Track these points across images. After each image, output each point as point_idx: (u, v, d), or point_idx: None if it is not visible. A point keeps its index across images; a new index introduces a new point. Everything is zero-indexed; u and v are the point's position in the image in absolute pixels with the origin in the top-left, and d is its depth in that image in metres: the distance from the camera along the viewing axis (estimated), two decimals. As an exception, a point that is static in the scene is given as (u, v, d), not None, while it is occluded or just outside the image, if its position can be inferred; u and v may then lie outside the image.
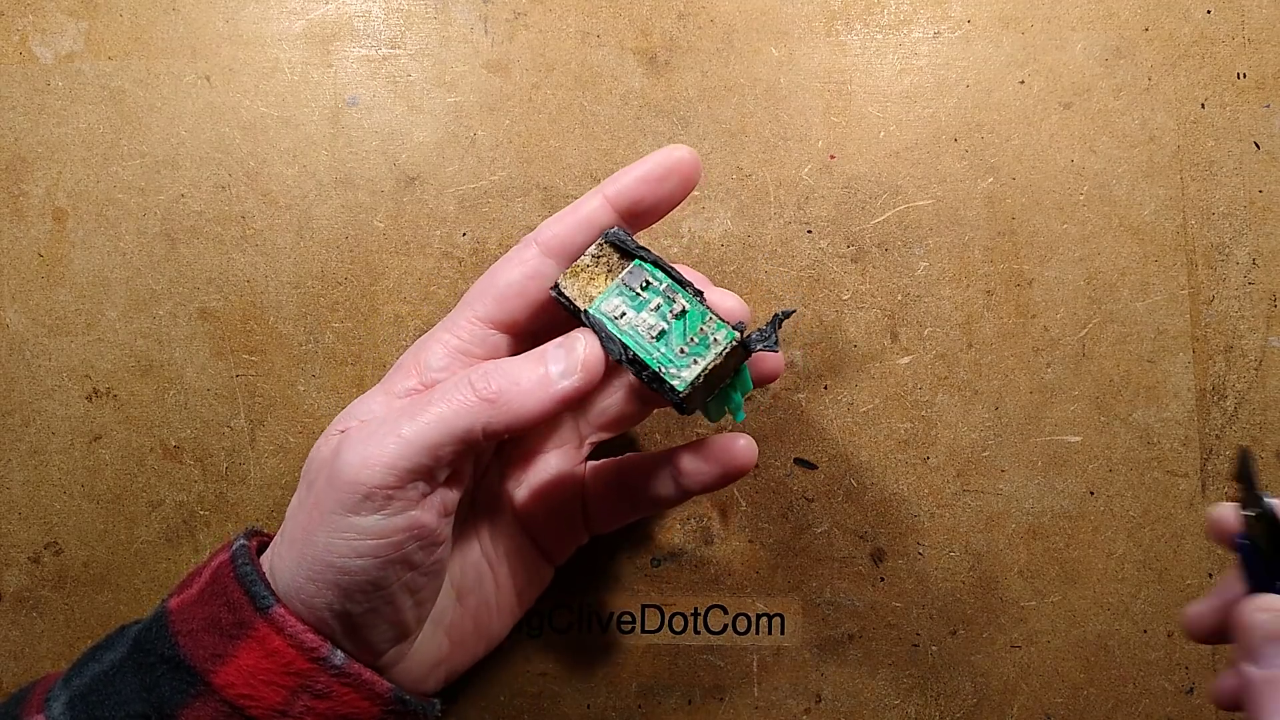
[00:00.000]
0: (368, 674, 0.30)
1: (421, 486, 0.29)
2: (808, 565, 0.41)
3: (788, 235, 0.41)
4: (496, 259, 0.41)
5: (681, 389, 0.31)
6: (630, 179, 0.32)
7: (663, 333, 0.31)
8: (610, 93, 0.42)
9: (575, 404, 0.31)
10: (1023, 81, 0.42)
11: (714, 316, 0.31)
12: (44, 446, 0.41)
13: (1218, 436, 0.41)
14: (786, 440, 0.41)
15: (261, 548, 0.33)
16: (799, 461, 0.41)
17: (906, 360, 0.41)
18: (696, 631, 0.41)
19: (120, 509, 0.41)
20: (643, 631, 0.41)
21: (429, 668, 0.34)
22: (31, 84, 0.42)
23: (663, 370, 0.31)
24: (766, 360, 0.34)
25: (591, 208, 0.32)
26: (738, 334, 0.31)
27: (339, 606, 0.29)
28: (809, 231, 0.41)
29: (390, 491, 0.28)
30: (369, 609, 0.30)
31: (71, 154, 0.42)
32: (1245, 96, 0.41)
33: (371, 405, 0.32)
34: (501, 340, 0.32)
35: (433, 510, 0.30)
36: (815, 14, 0.42)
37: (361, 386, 0.41)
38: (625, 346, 0.31)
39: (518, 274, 0.32)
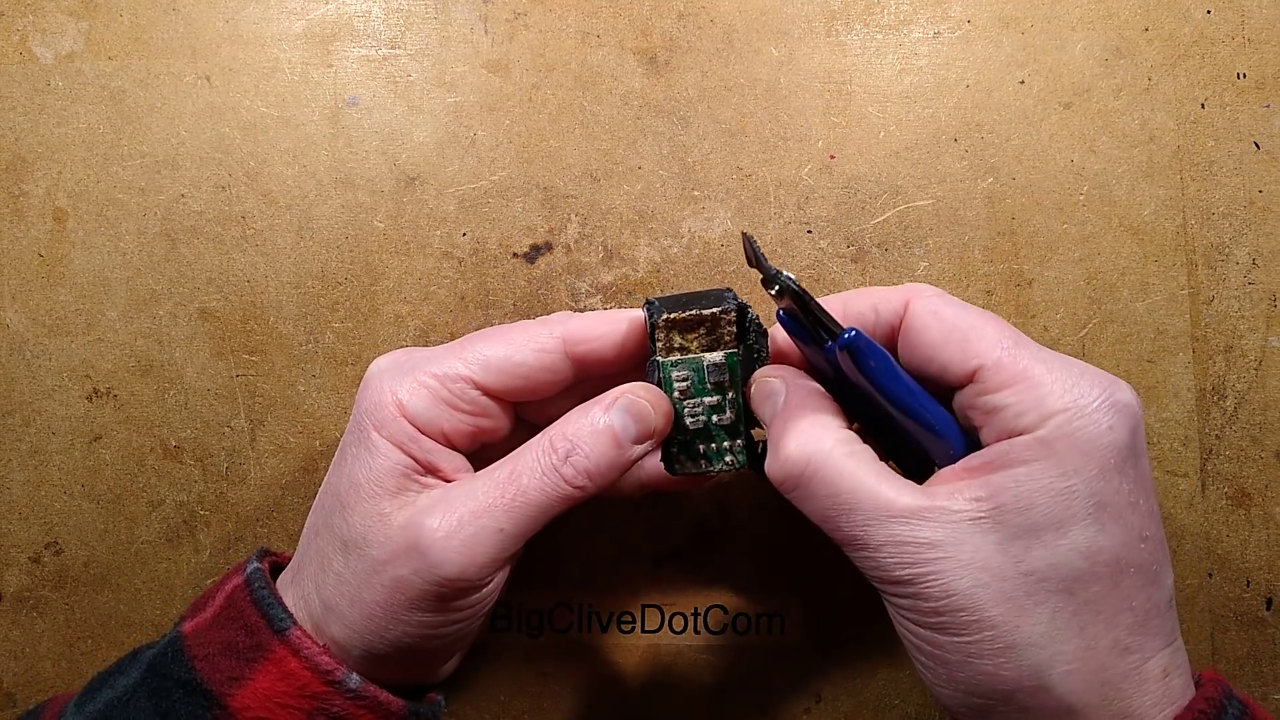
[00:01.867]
0: (383, 695, 0.30)
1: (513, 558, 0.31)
2: (808, 565, 0.41)
3: (788, 235, 0.41)
4: (496, 259, 0.41)
5: (675, 474, 0.34)
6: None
7: (700, 429, 0.33)
8: (610, 93, 0.42)
9: None
10: (1023, 81, 0.42)
11: (742, 445, 0.33)
12: (44, 446, 0.41)
13: (1218, 436, 0.41)
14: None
15: (273, 568, 0.33)
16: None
17: (906, 360, 0.41)
18: (696, 631, 0.41)
19: (120, 509, 0.41)
20: (643, 631, 0.41)
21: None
22: (31, 84, 0.42)
23: (671, 452, 0.34)
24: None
25: (627, 325, 0.33)
26: (744, 465, 0.34)
27: (413, 651, 0.31)
28: (809, 231, 0.41)
29: (489, 579, 0.30)
30: (431, 653, 0.32)
31: (71, 154, 0.42)
32: (1245, 96, 0.41)
33: (387, 461, 0.31)
34: (488, 404, 0.33)
35: (506, 570, 0.32)
36: (815, 14, 0.42)
37: (361, 386, 0.41)
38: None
39: (534, 362, 0.32)
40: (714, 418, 0.33)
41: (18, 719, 0.32)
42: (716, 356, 0.33)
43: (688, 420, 0.33)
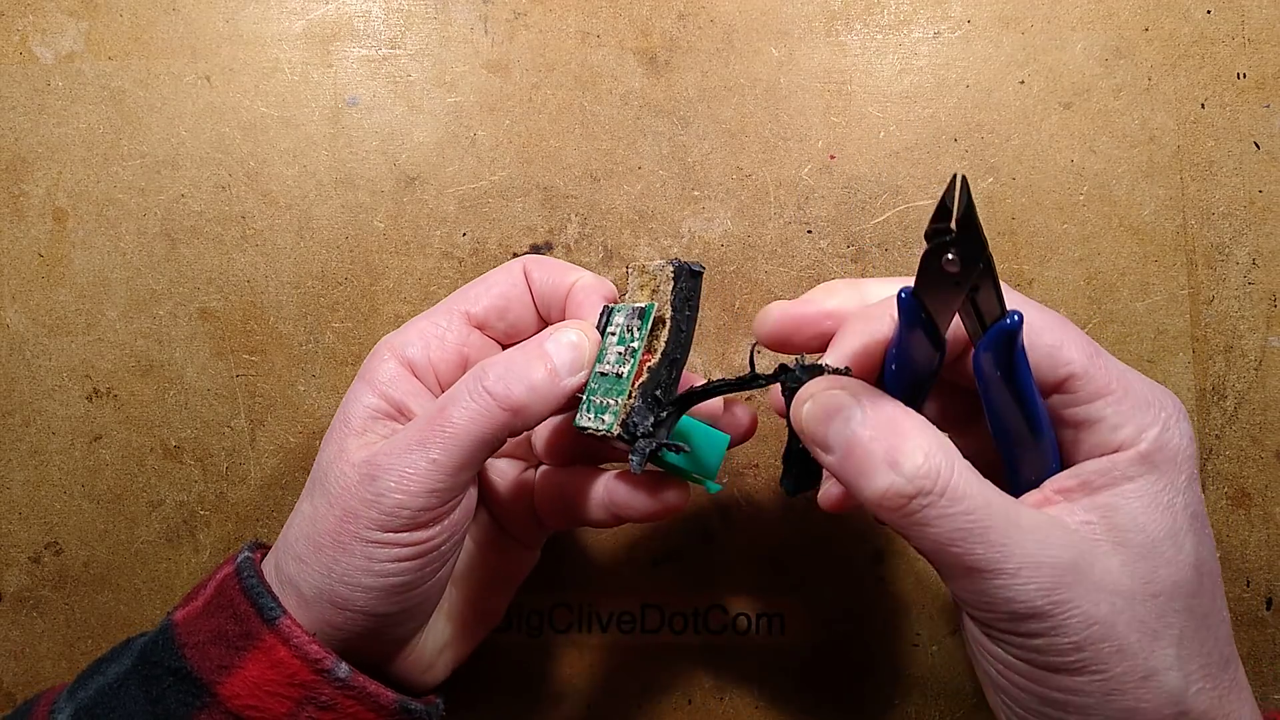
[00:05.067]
0: (372, 686, 0.30)
1: (458, 497, 0.30)
2: (808, 565, 0.41)
3: (788, 235, 0.41)
4: (496, 259, 0.41)
5: (576, 424, 0.32)
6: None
7: (606, 376, 0.32)
8: (610, 93, 0.42)
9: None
10: (1023, 81, 0.42)
11: (626, 404, 0.30)
12: (44, 446, 0.41)
13: (1218, 436, 0.41)
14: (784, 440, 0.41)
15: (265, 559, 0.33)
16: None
17: (906, 360, 0.41)
18: (696, 631, 0.41)
19: (120, 509, 0.41)
20: (643, 631, 0.41)
21: (436, 654, 0.35)
22: (31, 84, 0.42)
23: (581, 400, 0.32)
24: (664, 498, 0.33)
25: (570, 277, 0.34)
26: (615, 431, 0.30)
27: (371, 609, 0.30)
28: (809, 231, 0.41)
29: (434, 512, 0.30)
30: (402, 609, 0.31)
31: (71, 154, 0.42)
32: (1245, 96, 0.41)
33: (360, 405, 0.32)
34: (471, 331, 0.34)
35: (464, 508, 0.31)
36: (815, 14, 0.42)
37: (361, 386, 0.41)
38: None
39: (504, 280, 0.34)
40: (616, 368, 0.32)
41: (14, 709, 0.33)
42: (640, 303, 0.32)
43: (600, 367, 0.32)
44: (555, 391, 0.31)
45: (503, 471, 0.37)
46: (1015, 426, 0.27)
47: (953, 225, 0.24)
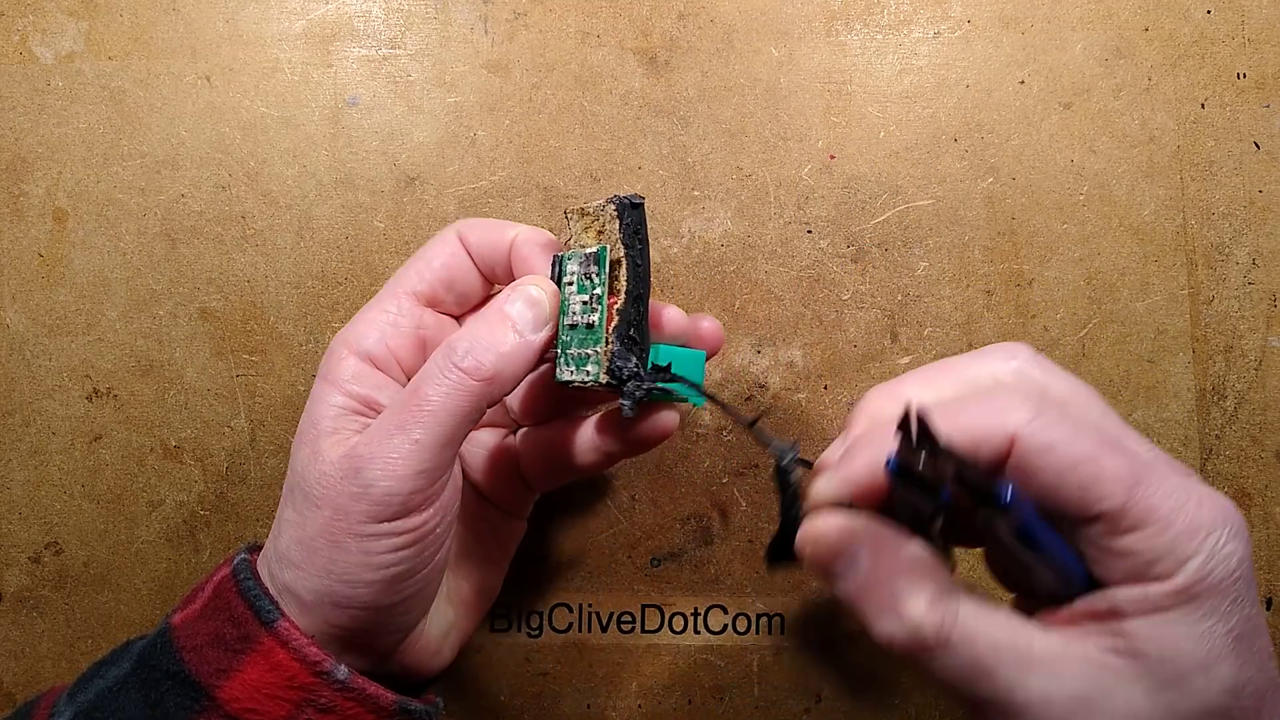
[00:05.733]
0: (372, 688, 0.30)
1: (444, 476, 0.30)
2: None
3: (788, 235, 0.41)
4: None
5: (559, 380, 0.32)
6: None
7: (574, 327, 0.32)
8: (610, 93, 0.42)
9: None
10: (1023, 81, 0.42)
11: (606, 351, 0.31)
12: (44, 446, 0.41)
13: (1218, 436, 0.41)
14: (786, 440, 0.41)
15: None
16: (799, 461, 0.41)
17: (907, 360, 0.41)
18: (696, 631, 0.41)
19: (120, 509, 0.41)
20: (643, 631, 0.41)
21: (442, 638, 0.35)
22: (31, 84, 0.42)
23: (557, 354, 0.32)
24: (657, 424, 0.34)
25: (510, 232, 0.34)
26: (602, 380, 0.31)
27: (374, 602, 0.30)
28: (809, 231, 0.41)
29: (424, 494, 0.30)
30: (405, 597, 0.31)
31: (71, 154, 0.42)
32: (1245, 96, 0.41)
33: (325, 405, 0.32)
34: (423, 311, 0.34)
35: (453, 487, 0.31)
36: (815, 14, 0.42)
37: (361, 386, 0.41)
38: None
39: (443, 254, 0.34)
40: (585, 317, 0.32)
41: (14, 711, 0.33)
42: (591, 248, 0.32)
43: (565, 320, 0.32)
44: (525, 353, 0.31)
45: (483, 442, 0.37)
46: (1029, 563, 0.27)
47: (919, 458, 0.24)
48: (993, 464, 0.26)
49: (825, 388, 0.41)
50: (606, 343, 0.31)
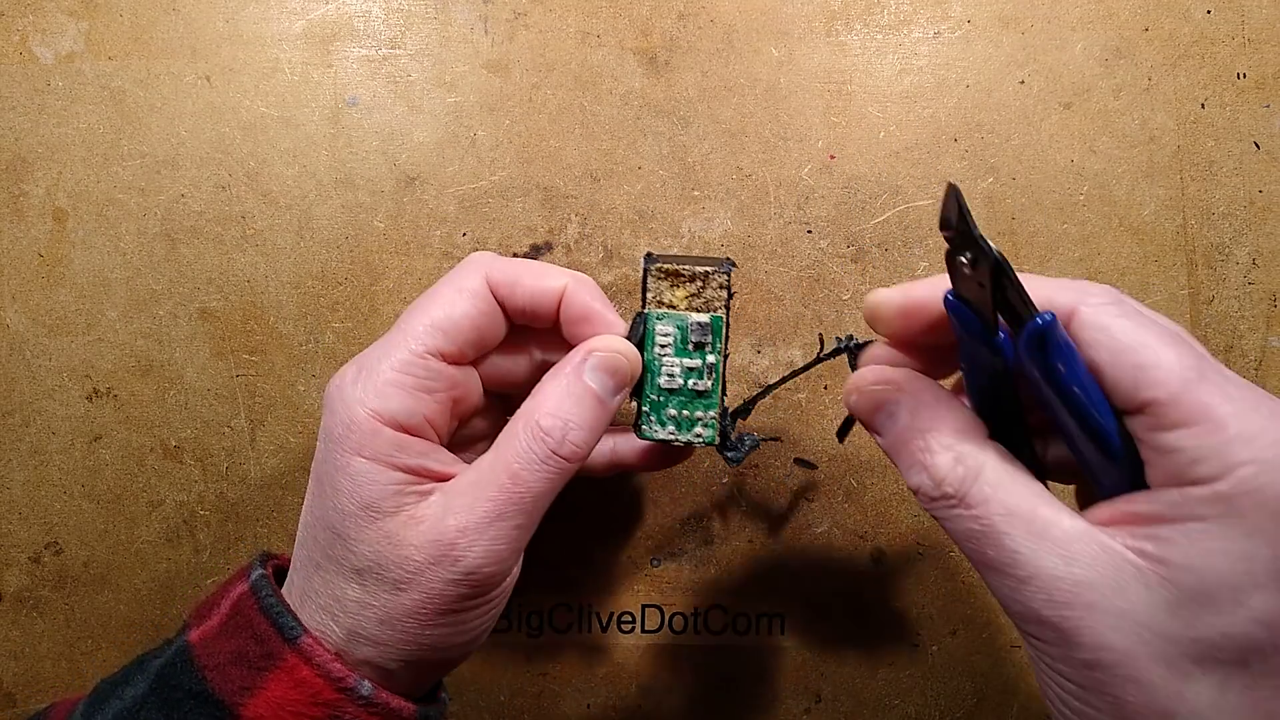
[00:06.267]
0: (395, 702, 0.30)
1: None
2: (808, 565, 0.41)
3: (788, 235, 0.41)
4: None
5: (642, 436, 0.33)
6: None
7: (674, 390, 0.33)
8: (610, 93, 0.42)
9: None
10: (1023, 81, 0.42)
11: (715, 416, 0.33)
12: (44, 446, 0.41)
13: (1218, 436, 0.41)
14: (786, 440, 0.41)
15: (276, 571, 0.33)
16: (799, 461, 0.41)
17: (906, 360, 0.41)
18: (696, 631, 0.41)
19: (120, 509, 0.41)
20: (643, 631, 0.41)
21: None
22: (31, 84, 0.42)
23: (643, 412, 0.33)
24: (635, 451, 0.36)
25: (557, 283, 0.32)
26: (716, 442, 0.33)
27: (464, 655, 0.32)
28: (809, 231, 0.41)
29: (515, 563, 0.31)
30: (462, 648, 0.32)
31: (71, 154, 0.42)
32: (1245, 96, 0.41)
33: (376, 486, 0.30)
34: (455, 372, 0.32)
35: (522, 552, 0.32)
36: (815, 14, 0.42)
37: (361, 386, 0.41)
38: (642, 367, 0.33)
39: (471, 308, 0.31)
40: (690, 381, 0.33)
41: None
42: (702, 316, 0.33)
43: (663, 379, 0.33)
44: (607, 421, 0.31)
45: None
46: (1076, 436, 0.26)
47: (953, 232, 0.25)
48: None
49: (825, 388, 0.41)
50: (722, 410, 0.33)
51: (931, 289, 0.29)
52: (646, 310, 0.33)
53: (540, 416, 0.30)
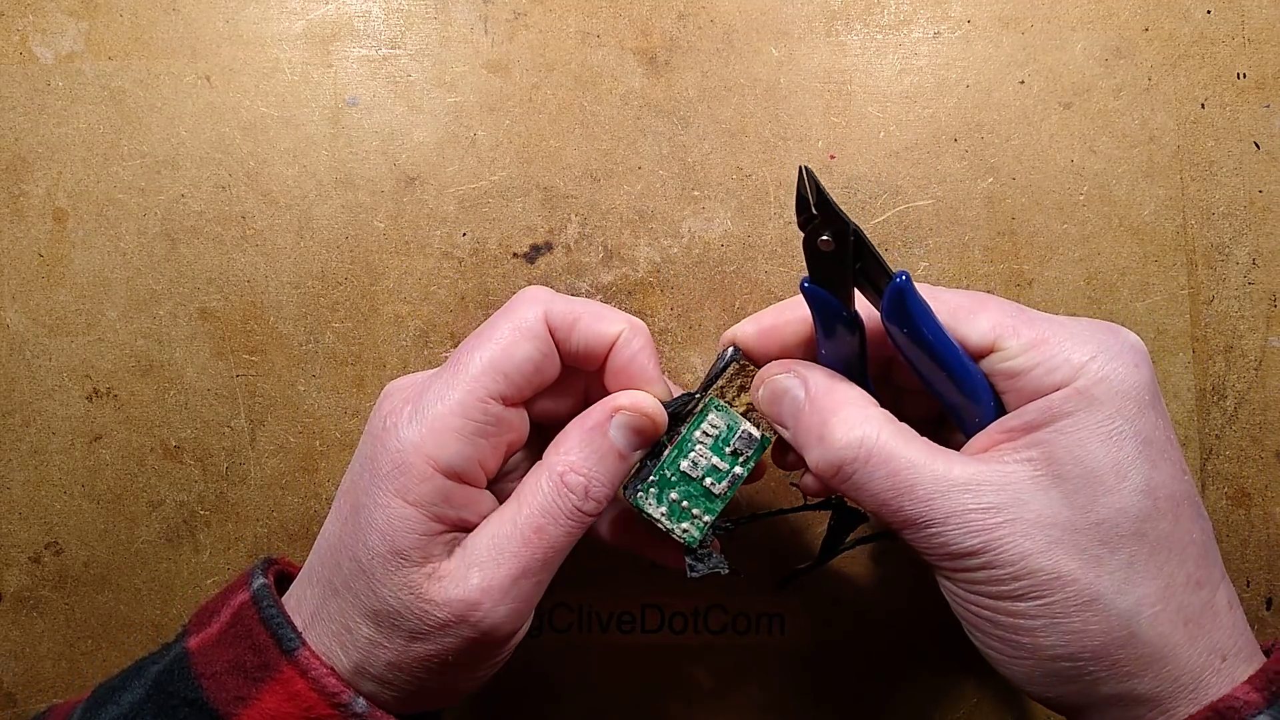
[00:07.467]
0: None
1: None
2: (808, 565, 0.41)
3: (788, 235, 0.41)
4: (496, 259, 0.41)
5: (632, 501, 0.33)
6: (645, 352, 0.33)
7: (690, 479, 0.33)
8: (610, 93, 0.42)
9: None
10: (1023, 81, 0.42)
11: (708, 521, 0.33)
12: (44, 446, 0.41)
13: (1218, 436, 0.41)
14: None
15: (278, 576, 0.33)
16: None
17: (906, 360, 0.41)
18: (696, 631, 0.41)
19: (120, 509, 0.41)
20: (643, 631, 0.41)
21: None
22: (31, 84, 0.42)
23: (648, 479, 0.33)
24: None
25: (613, 329, 0.32)
26: (694, 542, 0.33)
27: (468, 693, 0.33)
28: (809, 231, 0.41)
29: (528, 620, 0.31)
30: (471, 686, 0.32)
31: (71, 154, 0.42)
32: (1245, 96, 0.41)
33: (412, 536, 0.29)
34: (511, 414, 0.31)
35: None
36: (815, 14, 0.42)
37: (361, 386, 0.41)
38: (671, 441, 0.33)
39: (533, 350, 0.31)
40: (708, 479, 0.32)
41: None
42: (755, 430, 0.33)
43: (685, 463, 0.32)
44: (625, 475, 0.32)
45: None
46: (943, 383, 0.30)
47: (813, 210, 0.27)
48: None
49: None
50: (718, 519, 0.33)
51: (778, 312, 0.33)
52: (710, 397, 0.33)
53: (565, 472, 0.30)
